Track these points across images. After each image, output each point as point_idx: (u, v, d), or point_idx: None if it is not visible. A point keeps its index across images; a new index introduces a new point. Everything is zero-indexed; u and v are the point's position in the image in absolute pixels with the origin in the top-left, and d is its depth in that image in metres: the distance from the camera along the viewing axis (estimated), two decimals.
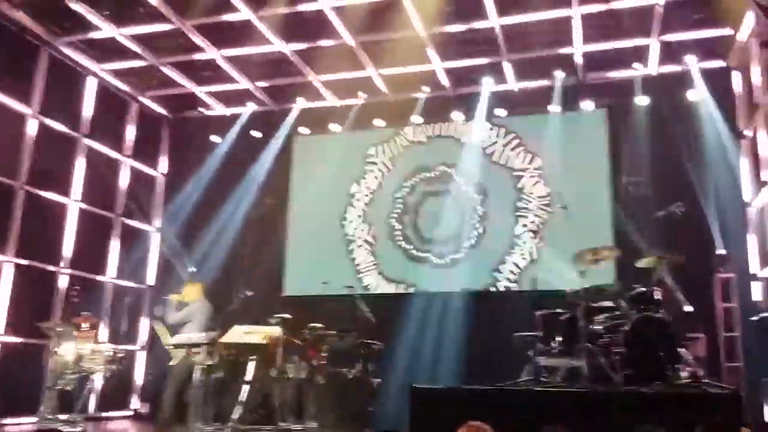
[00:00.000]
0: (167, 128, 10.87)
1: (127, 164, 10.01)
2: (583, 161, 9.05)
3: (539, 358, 6.18)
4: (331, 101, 10.10)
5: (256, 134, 10.32)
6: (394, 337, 8.46)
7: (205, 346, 6.52)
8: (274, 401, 6.58)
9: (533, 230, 6.18)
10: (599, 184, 8.94)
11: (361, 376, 6.84)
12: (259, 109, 10.33)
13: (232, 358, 6.64)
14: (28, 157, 8.26)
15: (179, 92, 10.12)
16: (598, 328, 6.09)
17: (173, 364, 6.77)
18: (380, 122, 10.09)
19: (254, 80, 9.73)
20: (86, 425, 6.89)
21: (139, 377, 9.77)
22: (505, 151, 9.67)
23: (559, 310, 6.41)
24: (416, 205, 9.85)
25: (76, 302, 7.27)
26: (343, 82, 9.63)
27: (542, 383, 5.93)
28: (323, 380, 6.61)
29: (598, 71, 9.10)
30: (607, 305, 6.31)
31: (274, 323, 6.73)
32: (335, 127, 10.19)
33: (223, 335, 6.63)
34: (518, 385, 5.98)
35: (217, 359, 6.69)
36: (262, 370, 6.58)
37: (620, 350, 5.69)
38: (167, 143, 10.85)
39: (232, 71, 9.37)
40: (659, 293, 6.06)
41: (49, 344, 6.83)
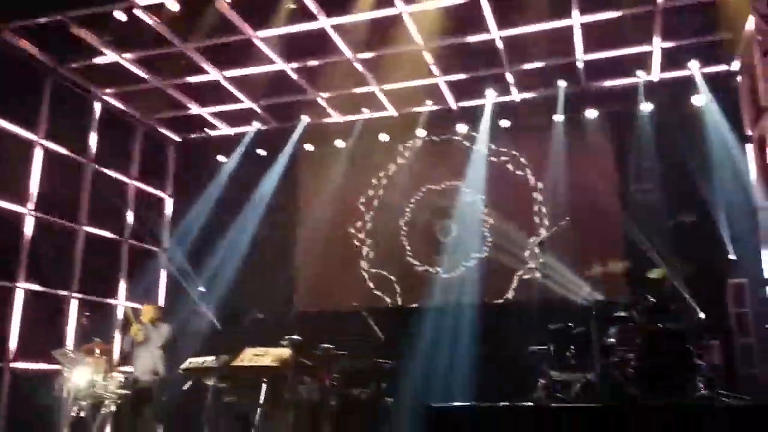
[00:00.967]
0: (173, 150, 10.93)
1: (134, 187, 10.05)
2: (589, 169, 9.01)
3: (553, 372, 6.12)
4: (335, 117, 10.13)
5: (261, 153, 10.36)
6: (405, 353, 8.40)
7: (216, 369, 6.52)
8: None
9: (542, 241, 6.14)
10: (607, 192, 8.89)
11: (373, 396, 6.78)
12: (263, 127, 10.37)
13: (243, 381, 6.62)
14: (35, 183, 8.31)
15: (184, 114, 10.17)
16: (611, 340, 6.04)
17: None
18: (385, 137, 10.11)
19: (258, 99, 9.77)
20: None
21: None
22: (510, 162, 9.65)
23: (571, 323, 6.36)
24: (424, 218, 9.84)
25: (87, 327, 7.28)
26: (346, 98, 9.65)
27: (557, 399, 5.87)
28: (335, 402, 6.56)
29: (600, 79, 9.08)
30: (619, 317, 6.26)
31: (284, 345, 6.70)
32: (340, 143, 10.22)
33: (234, 358, 6.61)
34: (533, 401, 5.92)
35: (228, 382, 6.68)
36: (274, 392, 6.54)
37: (634, 363, 5.63)
38: (174, 165, 10.91)
39: (235, 91, 9.42)
40: (671, 303, 6.01)
41: (62, 371, 6.84)
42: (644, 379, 5.54)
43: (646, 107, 8.88)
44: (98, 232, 9.26)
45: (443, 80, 9.12)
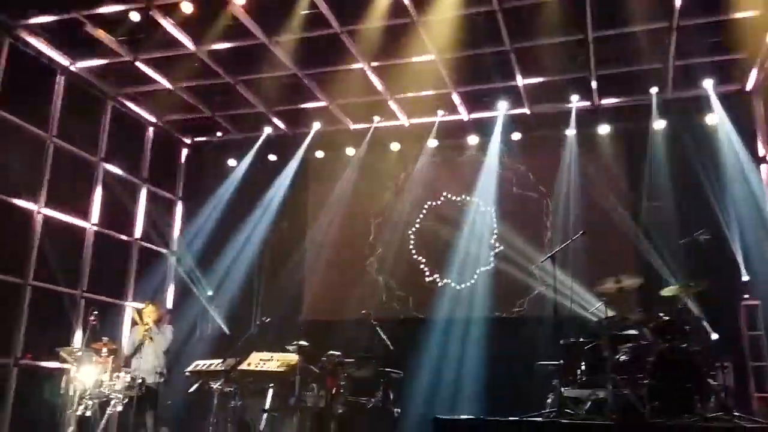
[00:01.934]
0: (184, 152, 10.93)
1: (144, 188, 10.05)
2: (601, 185, 8.97)
3: (564, 388, 6.05)
4: (346, 125, 10.12)
5: (272, 158, 10.36)
6: (413, 364, 8.36)
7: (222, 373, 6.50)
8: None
9: (553, 256, 6.11)
10: (620, 208, 8.83)
11: (380, 405, 6.73)
12: (275, 133, 10.37)
13: (250, 385, 6.58)
14: (46, 181, 8.31)
15: (196, 116, 10.18)
16: (623, 357, 5.98)
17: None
18: (396, 146, 10.10)
19: (270, 105, 9.78)
20: None
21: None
22: (521, 174, 9.62)
23: (582, 339, 6.30)
24: (434, 228, 9.80)
25: (95, 326, 7.25)
26: (358, 105, 9.65)
27: (567, 415, 5.81)
28: (342, 409, 6.52)
29: (613, 95, 9.06)
30: (631, 334, 6.20)
31: (291, 350, 6.67)
32: (351, 150, 10.21)
33: (241, 362, 6.58)
34: (542, 416, 5.86)
35: (235, 386, 6.65)
36: (280, 397, 6.51)
37: (646, 381, 5.57)
38: (184, 167, 10.90)
39: (248, 96, 9.42)
40: (684, 322, 5.95)
41: (68, 369, 6.81)
42: (656, 398, 5.47)
43: (659, 124, 8.86)
44: (108, 232, 9.24)
45: (456, 90, 9.11)
